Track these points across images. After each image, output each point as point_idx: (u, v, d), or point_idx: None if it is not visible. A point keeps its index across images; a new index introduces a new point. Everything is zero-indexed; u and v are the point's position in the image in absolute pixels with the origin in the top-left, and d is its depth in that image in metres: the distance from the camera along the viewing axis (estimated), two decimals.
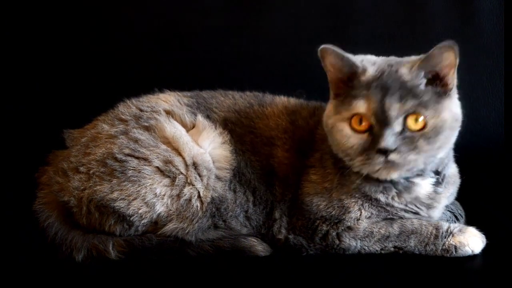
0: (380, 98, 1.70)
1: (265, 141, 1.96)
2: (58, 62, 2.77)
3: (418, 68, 1.72)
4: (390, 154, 1.68)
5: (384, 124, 1.69)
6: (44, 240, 1.89)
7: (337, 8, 2.73)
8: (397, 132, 1.70)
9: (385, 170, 1.73)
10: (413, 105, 1.69)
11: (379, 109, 1.69)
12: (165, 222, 1.85)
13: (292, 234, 1.88)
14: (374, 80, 1.73)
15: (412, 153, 1.70)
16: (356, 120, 1.74)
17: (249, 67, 2.74)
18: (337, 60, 1.77)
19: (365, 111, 1.72)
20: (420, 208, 1.85)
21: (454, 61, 1.73)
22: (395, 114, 1.69)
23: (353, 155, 1.75)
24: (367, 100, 1.71)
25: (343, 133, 1.75)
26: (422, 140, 1.70)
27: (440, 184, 1.86)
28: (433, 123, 1.71)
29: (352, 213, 1.83)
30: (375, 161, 1.70)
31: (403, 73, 1.73)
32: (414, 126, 1.70)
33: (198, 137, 1.92)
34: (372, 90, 1.71)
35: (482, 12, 2.64)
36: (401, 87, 1.70)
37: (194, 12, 2.78)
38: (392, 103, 1.69)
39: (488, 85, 2.67)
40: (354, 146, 1.74)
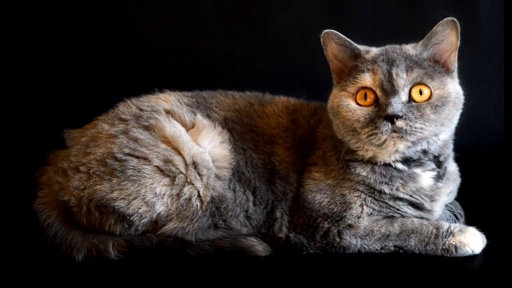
0: (387, 69, 1.75)
1: (266, 140, 1.97)
2: (58, 62, 2.77)
3: (422, 44, 1.80)
4: (397, 121, 1.71)
5: (391, 93, 1.73)
6: (44, 240, 1.89)
7: (337, 8, 2.74)
8: (404, 101, 1.73)
9: (392, 140, 1.73)
10: (420, 74, 1.74)
11: (386, 79, 1.74)
12: (165, 222, 1.85)
13: (293, 232, 1.89)
14: (379, 55, 1.79)
15: (418, 120, 1.72)
16: (362, 95, 1.78)
17: (249, 67, 2.75)
18: (340, 45, 1.83)
19: (371, 83, 1.76)
20: (424, 199, 1.86)
21: (456, 42, 1.79)
22: (402, 83, 1.73)
23: (360, 128, 1.77)
24: (373, 72, 1.76)
25: (349, 108, 1.79)
26: (429, 109, 1.74)
27: (441, 178, 1.87)
28: (438, 94, 1.75)
29: (353, 209, 1.84)
30: (382, 129, 1.72)
31: (407, 48, 1.81)
32: (419, 98, 1.74)
33: (198, 136, 1.92)
34: (378, 63, 1.77)
35: (482, 12, 2.64)
36: (407, 59, 1.77)
37: (194, 12, 2.79)
38: (399, 72, 1.74)
39: (488, 85, 2.67)
40: (360, 119, 1.76)
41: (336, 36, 1.82)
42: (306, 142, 1.96)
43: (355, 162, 1.86)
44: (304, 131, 1.98)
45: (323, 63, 2.02)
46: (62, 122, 2.08)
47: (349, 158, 1.86)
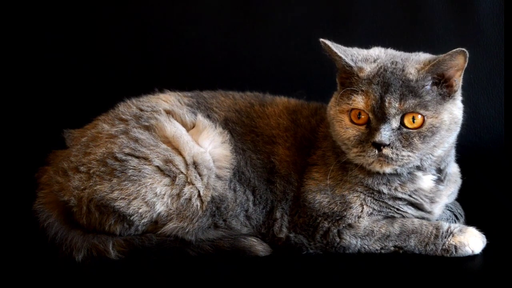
0: (380, 95, 1.73)
1: (267, 140, 1.97)
2: (58, 62, 2.77)
3: (427, 71, 1.74)
4: (383, 148, 1.72)
5: (381, 120, 1.72)
6: (44, 240, 1.88)
7: (337, 8, 2.73)
8: (393, 128, 1.73)
9: (378, 164, 1.76)
10: (413, 105, 1.72)
11: (378, 105, 1.72)
12: (165, 222, 1.85)
13: (293, 232, 1.89)
14: (376, 76, 1.76)
15: (405, 149, 1.73)
16: (356, 113, 1.78)
17: (249, 67, 2.75)
18: (333, 56, 1.81)
19: (363, 107, 1.75)
20: (424, 200, 1.86)
21: (463, 65, 1.75)
22: (393, 112, 1.72)
23: (350, 146, 1.79)
24: (366, 96, 1.75)
25: (342, 124, 1.80)
26: (417, 138, 1.73)
27: (442, 182, 1.87)
28: (430, 123, 1.73)
29: (353, 209, 1.84)
30: (369, 154, 1.74)
31: (409, 72, 1.75)
32: (411, 125, 1.73)
33: (198, 137, 1.92)
34: (372, 86, 1.74)
35: (482, 12, 2.64)
36: (403, 85, 1.73)
37: (194, 12, 2.78)
38: (392, 101, 1.72)
39: (488, 85, 2.67)
40: (351, 138, 1.78)
41: (328, 48, 1.80)
42: (307, 141, 1.96)
43: (351, 164, 1.85)
44: (305, 130, 1.98)
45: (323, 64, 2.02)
46: (62, 122, 2.08)
47: (346, 160, 1.85)
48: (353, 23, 2.70)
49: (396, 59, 1.79)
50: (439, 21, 2.67)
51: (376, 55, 1.83)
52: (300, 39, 2.75)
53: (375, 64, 1.79)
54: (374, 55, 1.83)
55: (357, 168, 1.83)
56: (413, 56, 1.83)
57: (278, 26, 2.77)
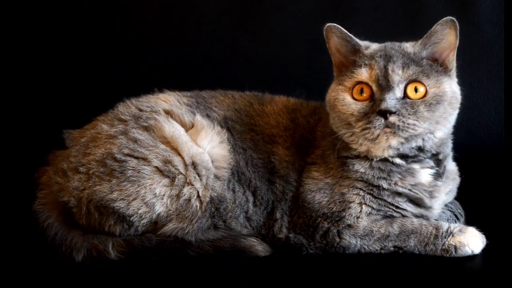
0: (383, 65, 1.77)
1: (266, 139, 1.97)
2: (58, 62, 2.77)
3: (421, 43, 1.81)
4: (390, 116, 1.73)
5: (386, 88, 1.75)
6: (44, 240, 1.89)
7: (337, 8, 2.73)
8: (398, 97, 1.75)
9: (385, 135, 1.75)
10: (415, 72, 1.76)
11: (382, 74, 1.76)
12: (164, 222, 1.85)
13: (293, 233, 1.89)
14: (378, 51, 1.81)
15: (412, 117, 1.74)
16: (358, 89, 1.80)
17: (249, 67, 2.74)
18: (341, 39, 1.85)
19: (367, 78, 1.78)
20: (423, 194, 1.86)
21: (455, 41, 1.81)
22: (397, 79, 1.75)
23: (354, 121, 1.79)
24: (370, 67, 1.78)
25: (345, 102, 1.81)
26: (423, 106, 1.76)
27: (440, 177, 1.88)
28: (433, 92, 1.77)
29: (352, 209, 1.84)
30: (375, 124, 1.74)
31: (406, 46, 1.83)
32: (414, 95, 1.76)
33: (197, 137, 1.92)
34: (375, 59, 1.79)
35: (482, 12, 2.64)
36: (404, 56, 1.79)
37: (194, 12, 2.79)
38: (395, 69, 1.76)
39: (488, 85, 2.67)
40: (354, 113, 1.78)
41: (338, 30, 1.85)
42: (306, 141, 1.96)
43: (352, 158, 1.86)
44: (304, 130, 1.98)
45: (323, 63, 2.03)
46: (62, 122, 2.08)
47: (346, 155, 1.87)
48: (353, 23, 2.68)
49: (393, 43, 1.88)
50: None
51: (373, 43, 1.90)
52: (300, 39, 2.75)
53: (378, 45, 1.87)
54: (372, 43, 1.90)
55: (358, 162, 1.84)
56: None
57: (278, 26, 2.77)
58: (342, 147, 1.87)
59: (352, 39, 1.85)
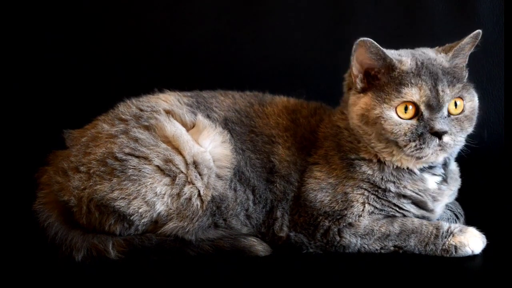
0: (432, 85, 1.75)
1: (266, 140, 1.97)
2: (59, 62, 2.77)
3: (453, 56, 1.82)
4: (444, 136, 1.74)
5: (435, 109, 1.75)
6: (44, 240, 1.89)
7: (337, 8, 2.73)
8: (446, 116, 1.76)
9: (435, 153, 1.77)
10: (460, 89, 1.78)
11: (433, 95, 1.75)
12: (165, 221, 1.85)
13: (294, 231, 1.89)
14: (420, 69, 1.78)
15: (460, 134, 1.78)
16: (403, 107, 1.77)
17: (249, 67, 2.74)
18: (373, 54, 1.79)
19: (418, 98, 1.76)
20: (428, 197, 1.87)
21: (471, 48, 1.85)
22: (447, 99, 1.76)
23: (406, 141, 1.77)
24: (419, 87, 1.76)
25: (393, 121, 1.77)
26: (467, 121, 1.79)
27: (445, 181, 1.89)
28: (470, 106, 1.80)
29: (354, 207, 1.84)
30: (430, 145, 1.75)
31: (441, 60, 1.82)
32: (455, 111, 1.78)
33: (198, 136, 1.92)
34: (422, 77, 1.76)
35: (482, 12, 2.64)
36: (444, 73, 1.78)
37: (194, 12, 2.79)
38: (444, 89, 1.75)
39: (488, 85, 2.67)
40: (407, 133, 1.77)
41: (373, 45, 1.77)
42: (307, 141, 1.96)
43: (360, 160, 1.86)
44: (305, 130, 1.98)
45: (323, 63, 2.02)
46: (62, 122, 2.08)
47: (355, 157, 1.87)
48: (353, 23, 2.70)
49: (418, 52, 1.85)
50: (439, 21, 2.67)
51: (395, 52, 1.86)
52: (300, 39, 2.75)
53: (407, 58, 1.82)
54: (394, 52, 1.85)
55: (366, 164, 1.85)
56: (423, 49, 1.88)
57: (278, 26, 2.77)
58: (349, 149, 1.87)
59: (385, 54, 1.78)
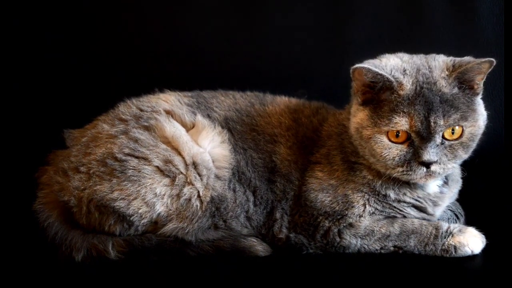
0: (424, 115, 1.70)
1: (268, 139, 1.97)
2: (59, 62, 2.77)
3: (454, 79, 1.74)
4: (432, 165, 1.72)
5: (426, 138, 1.71)
6: (44, 240, 1.89)
7: (337, 8, 2.73)
8: (438, 144, 1.72)
9: (423, 179, 1.77)
10: (456, 119, 1.72)
11: (423, 126, 1.70)
12: (165, 222, 1.85)
13: (293, 232, 1.89)
14: (416, 96, 1.72)
15: (451, 161, 1.75)
16: (394, 133, 1.74)
17: (249, 67, 2.74)
18: (369, 78, 1.74)
19: (408, 128, 1.72)
20: (428, 203, 1.87)
21: (488, 71, 1.74)
22: (439, 130, 1.71)
23: (393, 165, 1.76)
24: (410, 117, 1.71)
25: (383, 145, 1.75)
26: (461, 149, 1.75)
27: (446, 184, 1.89)
28: (469, 132, 1.74)
29: (355, 208, 1.84)
30: (417, 172, 1.74)
31: (442, 85, 1.74)
32: (451, 136, 1.73)
33: (198, 137, 1.92)
34: (415, 107, 1.71)
35: (482, 12, 2.64)
36: (442, 101, 1.71)
37: (194, 12, 2.78)
38: (437, 121, 1.70)
39: (488, 85, 2.65)
40: (395, 158, 1.75)
41: (369, 72, 1.72)
42: (309, 140, 1.96)
43: (361, 164, 1.86)
44: (307, 130, 1.98)
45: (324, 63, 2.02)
46: (62, 122, 2.08)
47: (355, 161, 1.86)
48: (353, 23, 2.70)
49: (422, 70, 1.76)
50: (439, 21, 2.66)
51: (400, 65, 1.78)
52: (301, 39, 2.74)
53: (409, 78, 1.75)
54: (399, 66, 1.78)
55: (366, 169, 1.84)
56: (433, 62, 1.79)
57: (278, 26, 2.77)
58: (351, 152, 1.87)
59: (383, 76, 1.72)
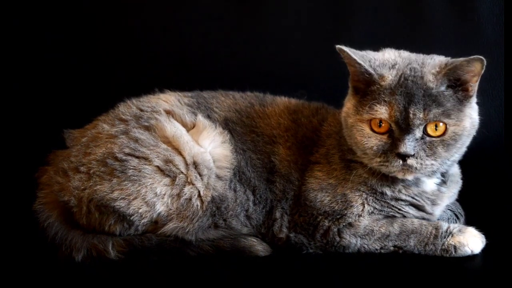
0: (404, 106, 1.71)
1: (267, 140, 1.97)
2: (59, 62, 2.77)
3: (444, 75, 1.73)
4: (408, 159, 1.72)
5: (405, 131, 1.71)
6: (44, 240, 1.89)
7: (338, 8, 2.73)
8: (417, 138, 1.72)
9: (401, 172, 1.76)
10: (437, 114, 1.71)
11: (402, 117, 1.70)
12: (165, 222, 1.85)
13: (293, 232, 1.89)
14: (398, 87, 1.73)
15: (429, 158, 1.73)
16: (376, 122, 1.75)
17: (249, 68, 2.74)
18: (351, 65, 1.77)
19: (387, 118, 1.73)
20: (426, 202, 1.86)
21: (480, 72, 1.73)
22: (418, 122, 1.70)
23: (372, 155, 1.77)
24: (390, 106, 1.72)
25: (363, 133, 1.77)
26: (441, 146, 1.73)
27: (445, 183, 1.88)
28: (453, 131, 1.73)
29: (354, 207, 1.84)
30: (393, 164, 1.73)
31: (428, 79, 1.73)
32: (434, 133, 1.72)
33: (199, 137, 1.92)
34: (395, 97, 1.72)
35: (482, 12, 2.64)
36: (425, 94, 1.71)
37: (194, 12, 2.79)
38: (416, 113, 1.70)
39: (488, 85, 2.67)
40: (373, 147, 1.76)
41: (347, 55, 1.75)
42: (309, 140, 1.96)
43: (356, 163, 1.86)
44: (307, 130, 1.98)
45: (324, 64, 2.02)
46: (62, 122, 2.08)
47: (351, 158, 1.87)
48: (353, 23, 2.70)
49: (413, 65, 1.76)
50: (439, 21, 2.67)
51: (393, 59, 1.80)
52: (301, 39, 2.75)
53: (395, 71, 1.76)
54: (391, 60, 1.79)
55: (362, 167, 1.84)
56: (428, 59, 1.80)
57: (278, 26, 2.77)
58: (347, 150, 1.87)
59: (361, 66, 1.74)
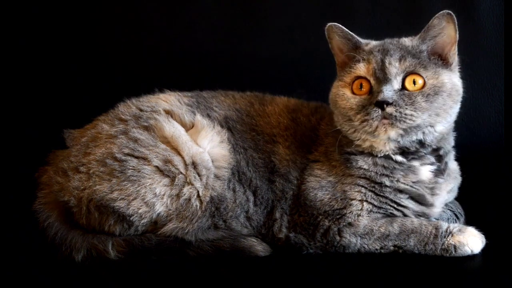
0: (380, 58, 1.79)
1: (267, 139, 1.97)
2: (59, 62, 2.77)
3: (419, 37, 1.83)
4: (387, 107, 1.74)
5: (383, 81, 1.77)
6: (44, 240, 1.89)
7: (337, 8, 2.74)
8: (395, 89, 1.77)
9: (383, 127, 1.76)
10: (413, 64, 1.78)
11: (379, 67, 1.78)
12: (164, 222, 1.85)
13: (293, 232, 1.89)
14: (377, 46, 1.84)
15: (409, 107, 1.75)
16: (358, 84, 1.82)
17: (249, 67, 2.75)
18: (343, 38, 1.89)
19: (365, 72, 1.80)
20: (425, 190, 1.87)
21: (454, 35, 1.82)
22: (394, 71, 1.77)
23: (353, 115, 1.80)
24: (368, 62, 1.81)
25: (345, 97, 1.84)
26: (420, 97, 1.76)
27: (441, 174, 1.88)
28: (431, 84, 1.78)
29: (353, 206, 1.84)
30: (373, 115, 1.75)
31: (404, 40, 1.86)
32: (412, 87, 1.78)
33: (197, 136, 1.92)
34: (374, 53, 1.81)
35: (482, 12, 2.64)
36: (402, 49, 1.81)
37: (194, 12, 2.79)
38: (392, 61, 1.78)
39: (488, 85, 2.67)
40: (353, 106, 1.81)
41: (340, 29, 1.88)
42: (308, 139, 1.97)
43: (356, 155, 1.87)
44: (305, 129, 1.99)
45: (323, 63, 2.02)
46: (62, 122, 2.08)
47: (350, 151, 1.88)
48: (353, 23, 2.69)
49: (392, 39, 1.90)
50: None
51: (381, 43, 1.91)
52: (300, 39, 2.75)
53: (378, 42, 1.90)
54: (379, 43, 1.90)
55: (361, 157, 1.85)
56: None
57: (278, 26, 2.77)
58: (346, 143, 1.88)
59: (353, 37, 1.88)
